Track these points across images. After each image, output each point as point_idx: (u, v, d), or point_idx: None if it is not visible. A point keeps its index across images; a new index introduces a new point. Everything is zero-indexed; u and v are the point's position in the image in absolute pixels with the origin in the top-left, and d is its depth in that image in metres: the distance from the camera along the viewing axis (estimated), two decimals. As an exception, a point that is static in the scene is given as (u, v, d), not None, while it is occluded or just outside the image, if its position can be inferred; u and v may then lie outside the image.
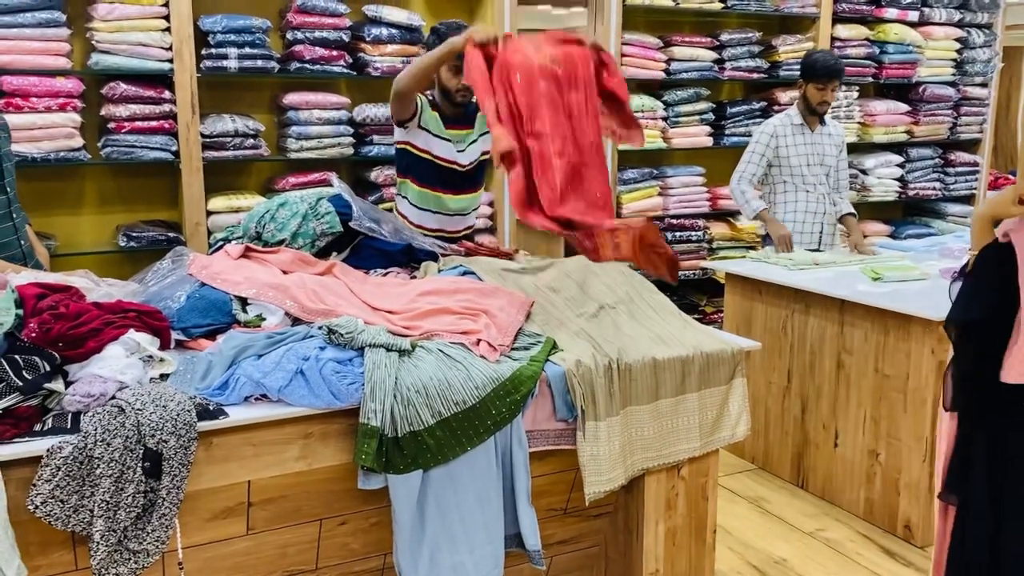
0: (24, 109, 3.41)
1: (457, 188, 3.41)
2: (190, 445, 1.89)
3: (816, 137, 4.25)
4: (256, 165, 4.14)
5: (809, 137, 4.23)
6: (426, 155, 3.35)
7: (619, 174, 4.84)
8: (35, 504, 1.77)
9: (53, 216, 3.79)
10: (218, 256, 2.63)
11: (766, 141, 4.20)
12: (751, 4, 5.02)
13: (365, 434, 2.05)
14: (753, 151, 4.23)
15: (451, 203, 3.43)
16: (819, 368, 3.56)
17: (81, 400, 1.88)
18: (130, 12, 3.53)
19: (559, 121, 2.45)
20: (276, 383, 2.04)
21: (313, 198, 2.86)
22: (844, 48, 5.30)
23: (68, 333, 1.98)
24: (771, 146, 4.19)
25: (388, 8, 4.10)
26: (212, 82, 3.90)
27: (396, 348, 2.20)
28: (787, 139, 4.20)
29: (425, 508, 2.14)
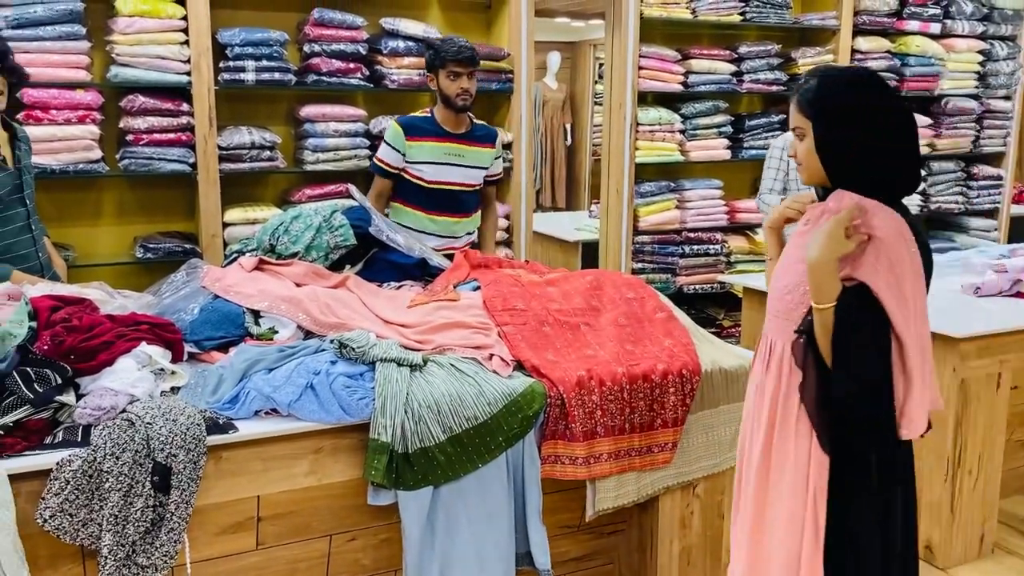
0: (44, 121, 3.43)
1: (443, 210, 3.45)
2: (199, 459, 1.88)
3: None
4: (272, 177, 4.15)
5: None
6: (417, 180, 3.42)
7: (636, 187, 4.82)
8: (44, 517, 1.76)
9: (71, 227, 3.81)
10: (232, 269, 2.64)
11: (779, 155, 4.17)
12: (770, 16, 4.98)
13: (375, 450, 2.03)
14: (769, 165, 4.20)
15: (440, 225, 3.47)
16: (838, 384, 3.50)
17: (92, 413, 1.87)
18: (149, 25, 3.55)
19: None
20: (286, 397, 2.04)
21: (327, 211, 2.86)
22: (865, 60, 5.25)
23: (80, 346, 1.98)
24: (785, 159, 4.16)
25: (405, 21, 4.11)
26: (230, 94, 3.92)
27: (407, 363, 2.19)
28: None
29: (435, 525, 2.12)
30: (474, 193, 3.57)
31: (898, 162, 1.76)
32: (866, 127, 1.73)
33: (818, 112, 1.76)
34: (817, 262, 1.71)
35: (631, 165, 4.75)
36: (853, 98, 1.74)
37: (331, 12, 3.90)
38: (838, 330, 1.71)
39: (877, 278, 1.70)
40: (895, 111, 1.75)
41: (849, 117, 1.73)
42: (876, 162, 1.74)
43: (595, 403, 2.26)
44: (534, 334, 2.47)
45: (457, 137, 3.46)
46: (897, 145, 1.75)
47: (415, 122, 3.45)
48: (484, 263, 3.00)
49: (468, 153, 3.47)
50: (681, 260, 4.93)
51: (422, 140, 3.41)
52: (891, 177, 1.76)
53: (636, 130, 4.73)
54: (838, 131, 1.74)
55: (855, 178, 1.75)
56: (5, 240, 2.76)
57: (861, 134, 1.73)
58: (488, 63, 4.25)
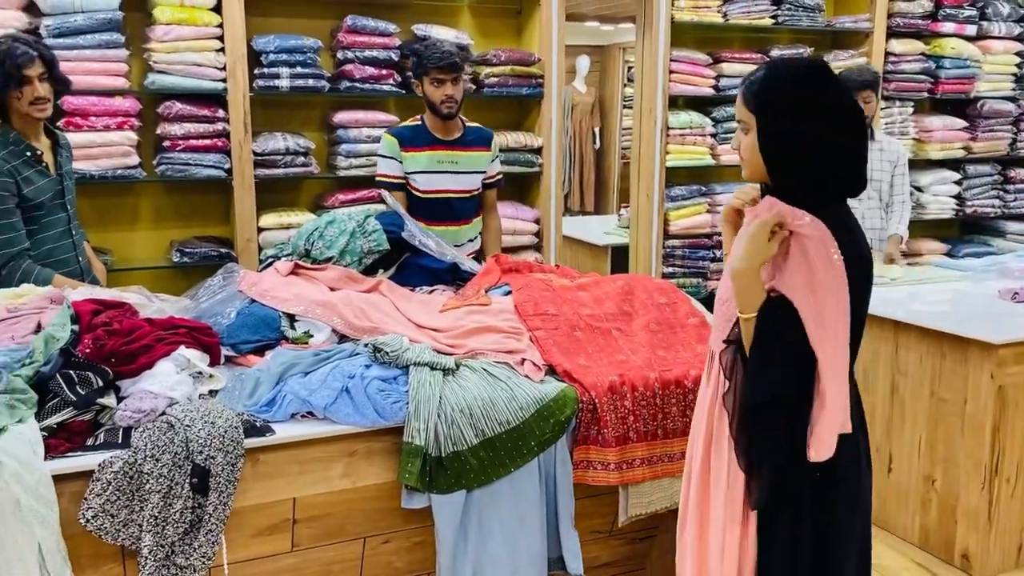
0: (83, 128, 3.50)
1: (440, 219, 3.35)
2: (237, 462, 1.91)
3: None
4: (306, 182, 4.19)
5: None
6: (412, 190, 3.38)
7: (667, 191, 4.80)
8: (86, 518, 1.80)
9: (109, 232, 3.88)
10: (267, 273, 2.67)
11: None
12: (802, 19, 4.95)
13: (409, 453, 2.05)
14: None
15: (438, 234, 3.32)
16: (872, 390, 3.47)
17: (132, 415, 1.91)
18: (186, 33, 3.61)
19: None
20: (322, 401, 2.06)
21: (361, 216, 2.89)
22: (899, 63, 5.20)
23: (121, 349, 2.02)
24: None
25: (437, 27, 4.14)
26: (264, 101, 3.97)
27: (440, 367, 2.21)
28: None
29: (468, 528, 2.13)
30: (472, 199, 3.49)
31: (842, 161, 1.66)
32: (810, 122, 1.62)
33: (762, 105, 1.66)
34: (739, 270, 1.66)
35: (661, 169, 4.74)
36: (798, 91, 1.64)
37: (364, 19, 3.94)
38: (755, 341, 1.65)
39: (795, 291, 1.62)
40: (841, 107, 1.65)
41: (793, 111, 1.63)
42: (819, 160, 1.64)
43: (628, 408, 2.26)
44: (566, 339, 2.48)
45: (449, 144, 3.39)
46: (842, 143, 1.65)
47: (406, 132, 3.39)
48: (515, 268, 3.01)
49: (462, 159, 3.40)
50: (712, 264, 4.91)
51: (415, 150, 3.35)
52: (834, 176, 1.67)
53: (667, 134, 4.72)
54: (781, 125, 1.64)
55: (796, 176, 1.66)
56: (47, 245, 2.82)
57: (804, 129, 1.62)
58: (519, 68, 4.27)
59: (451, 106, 3.29)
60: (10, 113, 2.72)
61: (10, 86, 2.64)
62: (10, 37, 2.70)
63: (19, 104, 2.68)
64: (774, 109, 1.65)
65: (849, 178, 1.69)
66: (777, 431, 1.66)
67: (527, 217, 4.42)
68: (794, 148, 1.64)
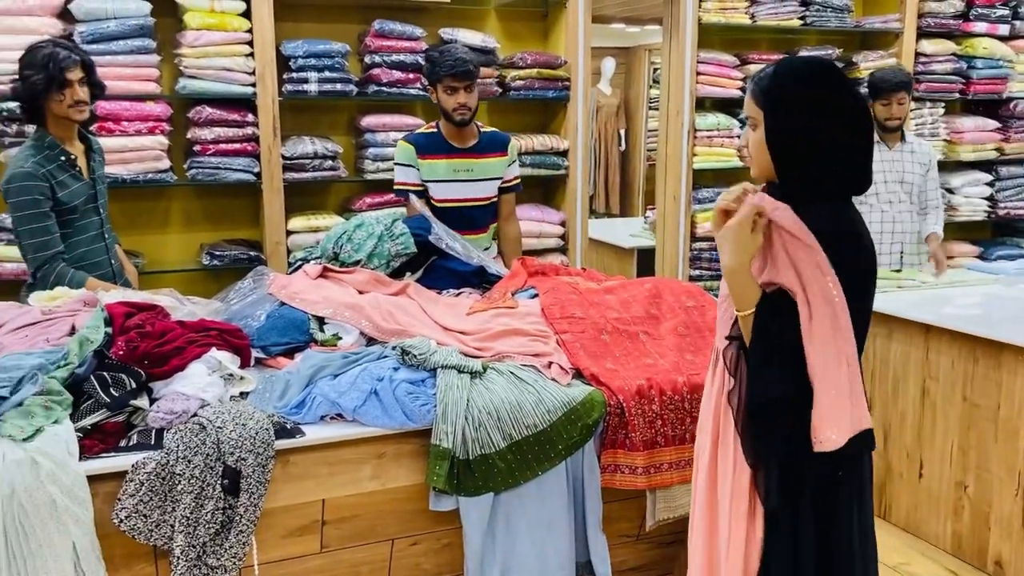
0: (115, 132, 3.55)
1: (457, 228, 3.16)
2: (268, 463, 1.92)
3: (895, 154, 4.13)
4: (334, 186, 4.22)
5: (887, 154, 4.12)
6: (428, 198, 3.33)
7: (693, 193, 4.78)
8: (120, 518, 1.82)
9: (141, 235, 3.93)
10: (297, 276, 2.69)
11: None
12: (831, 20, 4.91)
13: (437, 456, 2.06)
14: None
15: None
16: (902, 395, 3.44)
17: (164, 417, 1.93)
18: (216, 38, 3.65)
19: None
20: (351, 403, 2.08)
21: (388, 219, 2.90)
22: (929, 64, 5.13)
23: (153, 351, 2.05)
24: None
25: (463, 31, 4.15)
26: (293, 105, 4.00)
27: (468, 370, 2.21)
28: None
29: (496, 531, 2.14)
30: (488, 207, 3.43)
31: (848, 159, 1.67)
32: (818, 120, 1.64)
33: (771, 101, 1.67)
34: (729, 268, 1.67)
35: (688, 171, 4.72)
36: (807, 89, 1.66)
37: (391, 23, 3.97)
38: (754, 338, 1.67)
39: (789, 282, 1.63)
40: (849, 106, 1.67)
41: (801, 108, 1.65)
42: (825, 157, 1.65)
43: (655, 412, 2.25)
44: (593, 342, 2.47)
45: (465, 151, 3.34)
46: (849, 141, 1.66)
47: (422, 140, 3.33)
48: (541, 271, 3.01)
49: (477, 166, 3.35)
50: (739, 267, 4.87)
51: (432, 158, 3.31)
52: (839, 174, 1.68)
53: (694, 136, 4.70)
54: (789, 122, 1.65)
55: (802, 172, 1.67)
56: (80, 248, 2.86)
57: (812, 126, 1.64)
58: (545, 71, 4.27)
59: (464, 114, 3.22)
60: (46, 117, 2.77)
61: (52, 89, 2.69)
62: (51, 42, 2.76)
63: (59, 107, 2.73)
64: (783, 105, 1.66)
65: (854, 176, 1.70)
66: (781, 429, 1.67)
67: (553, 220, 4.42)
68: (801, 145, 1.66)
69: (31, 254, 2.73)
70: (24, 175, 2.68)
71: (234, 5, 3.67)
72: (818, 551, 1.75)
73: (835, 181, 1.69)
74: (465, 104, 3.20)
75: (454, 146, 3.33)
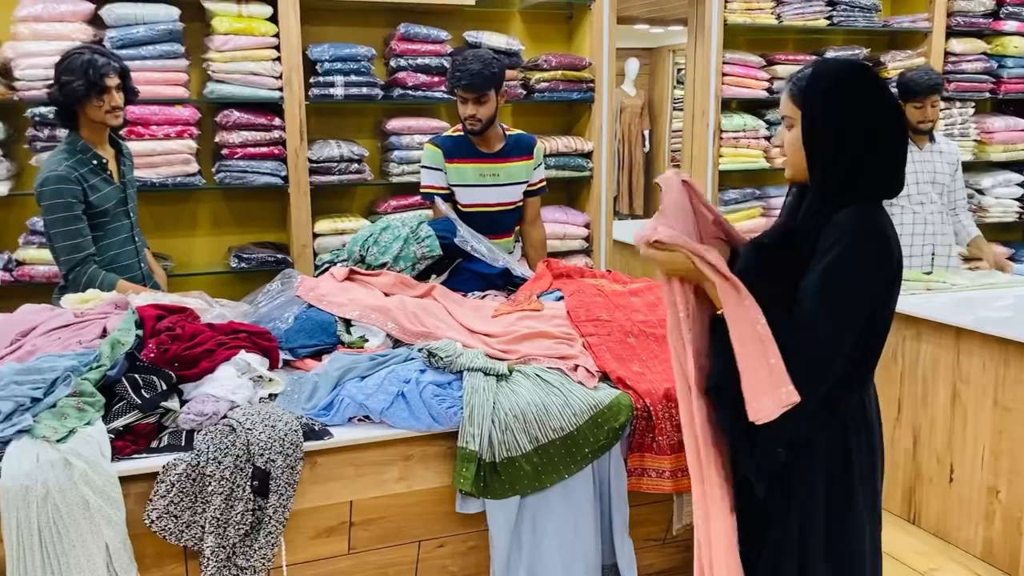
0: (145, 136, 3.60)
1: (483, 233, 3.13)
2: (296, 465, 1.94)
3: (925, 155, 4.09)
4: (360, 189, 4.25)
5: (917, 155, 4.07)
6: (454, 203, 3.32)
7: (720, 195, 4.76)
8: (151, 518, 1.84)
9: (170, 238, 3.97)
10: (324, 278, 2.71)
11: None
12: (858, 20, 4.87)
13: (463, 458, 2.06)
14: None
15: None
16: (932, 398, 3.40)
17: (195, 418, 1.95)
18: (243, 43, 3.69)
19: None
20: (378, 405, 2.08)
21: (414, 222, 2.92)
22: (959, 63, 5.08)
23: (183, 354, 2.07)
24: None
25: (488, 33, 4.16)
26: (319, 109, 4.03)
27: (494, 372, 2.21)
28: None
29: (522, 534, 2.13)
30: (513, 211, 3.41)
31: (883, 161, 1.70)
32: (854, 120, 1.66)
33: (809, 101, 1.69)
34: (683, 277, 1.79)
35: (714, 172, 4.70)
36: (845, 89, 1.68)
37: (416, 27, 3.98)
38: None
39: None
40: (885, 108, 1.69)
41: (838, 108, 1.67)
42: (861, 158, 1.67)
43: None
44: (619, 345, 2.47)
45: (492, 156, 3.30)
46: (884, 143, 1.69)
47: (450, 143, 3.30)
48: (566, 273, 3.01)
49: (503, 171, 3.31)
50: (765, 269, 4.84)
51: (459, 162, 3.27)
52: (874, 175, 1.70)
53: (720, 137, 4.68)
54: (826, 121, 1.68)
55: (836, 173, 1.68)
56: (111, 251, 2.90)
57: (848, 127, 1.66)
58: (569, 72, 4.27)
59: (473, 125, 3.19)
60: (80, 122, 2.81)
61: (91, 94, 2.74)
62: (88, 48, 2.80)
63: (95, 112, 2.78)
64: (821, 105, 1.68)
65: (888, 179, 1.73)
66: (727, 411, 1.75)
67: (577, 221, 4.42)
68: (836, 145, 1.67)
69: (63, 256, 2.77)
70: (57, 178, 2.72)
71: (261, 10, 3.71)
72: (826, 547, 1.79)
73: (869, 183, 1.69)
74: (474, 116, 3.16)
75: (481, 150, 3.29)
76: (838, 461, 1.77)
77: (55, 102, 2.79)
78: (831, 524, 1.78)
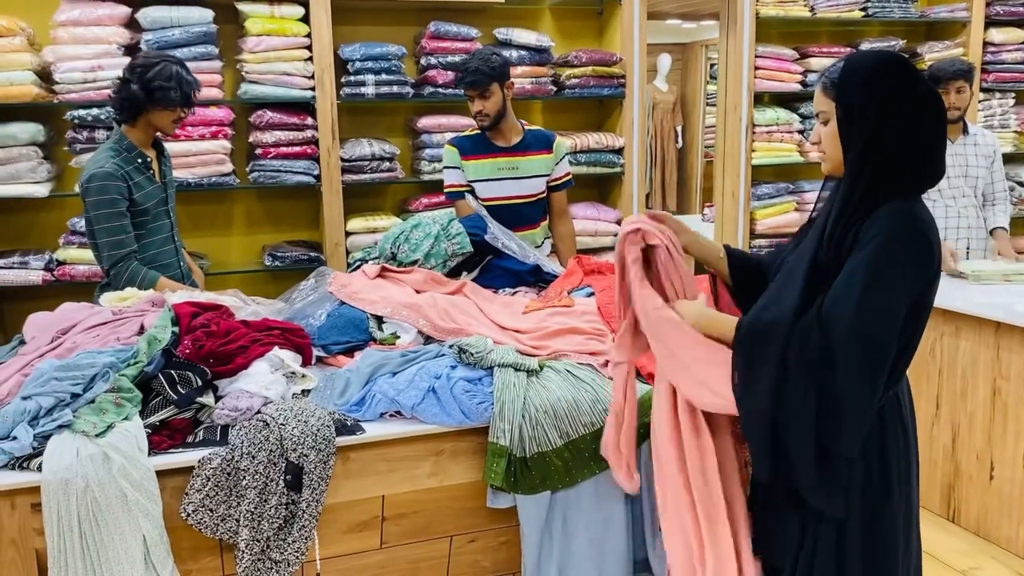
0: (181, 137, 3.65)
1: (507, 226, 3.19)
2: (329, 459, 1.96)
3: (957, 147, 4.02)
4: (392, 187, 4.28)
5: (949, 148, 4.00)
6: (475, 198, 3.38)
7: (753, 189, 4.72)
8: (187, 512, 1.87)
9: (205, 237, 4.03)
10: (356, 276, 2.73)
11: None
12: (894, 11, 4.79)
13: (494, 453, 2.07)
14: None
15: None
16: (972, 395, 3.34)
17: (229, 414, 1.98)
18: (276, 44, 3.73)
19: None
20: (410, 400, 2.10)
21: (445, 219, 2.93)
22: (999, 53, 4.98)
23: (218, 350, 2.10)
24: None
25: (518, 30, 4.16)
26: (351, 108, 4.06)
27: (524, 368, 2.22)
28: None
29: (553, 529, 2.14)
30: (535, 203, 3.45)
31: (920, 152, 1.66)
32: (890, 112, 1.63)
33: (843, 94, 1.67)
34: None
35: (747, 167, 4.66)
36: (879, 81, 1.65)
37: (446, 24, 4.00)
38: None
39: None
40: (921, 98, 1.65)
41: (874, 100, 1.64)
42: (898, 150, 1.64)
43: None
44: None
45: (508, 150, 3.37)
46: (921, 134, 1.65)
47: (466, 142, 3.40)
48: (597, 269, 3.00)
49: (522, 164, 3.38)
50: (800, 264, 4.79)
51: (475, 159, 3.37)
52: (911, 167, 1.66)
53: (752, 131, 4.64)
54: (862, 113, 1.65)
55: (874, 166, 1.65)
56: (152, 249, 2.93)
57: (884, 119, 1.63)
58: (600, 68, 4.26)
59: (483, 120, 3.29)
60: (137, 122, 2.85)
61: (177, 105, 2.84)
62: (172, 60, 2.87)
63: (163, 119, 2.85)
64: (856, 98, 1.66)
65: (926, 169, 1.69)
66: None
67: (608, 218, 4.40)
68: (874, 136, 1.64)
69: (106, 252, 2.80)
70: (105, 175, 2.76)
71: (293, 10, 3.75)
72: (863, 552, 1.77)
73: (906, 172, 1.66)
74: (480, 112, 3.27)
75: (498, 145, 3.38)
76: (875, 459, 1.74)
77: (131, 97, 2.80)
78: (867, 524, 1.76)
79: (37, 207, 3.76)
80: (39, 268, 3.61)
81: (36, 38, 3.62)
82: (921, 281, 1.66)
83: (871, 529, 1.76)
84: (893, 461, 1.76)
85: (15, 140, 3.52)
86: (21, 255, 3.63)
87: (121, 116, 2.86)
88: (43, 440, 1.87)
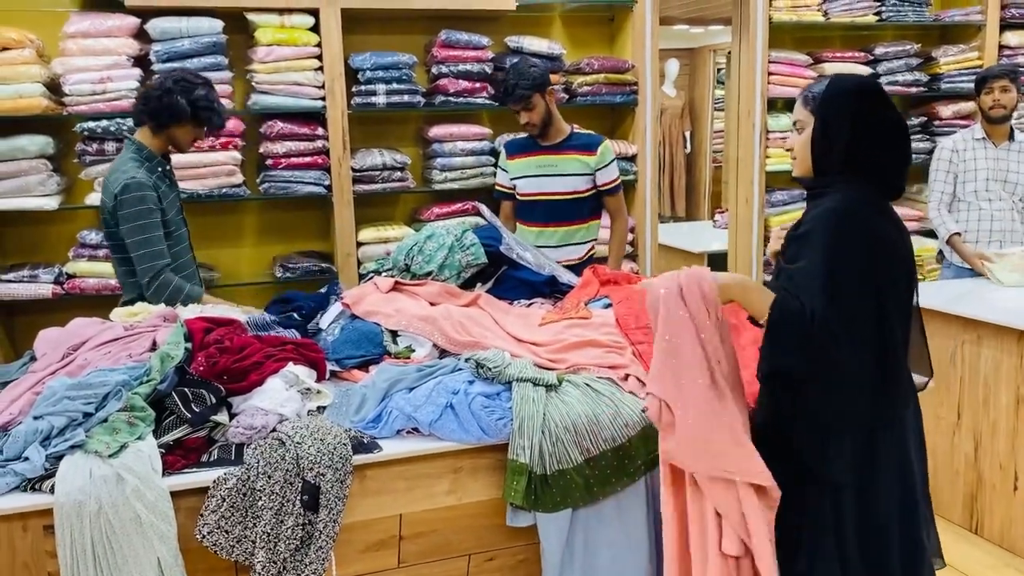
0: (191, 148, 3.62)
1: (547, 221, 3.56)
2: (346, 479, 1.92)
3: (1000, 152, 4.01)
4: (403, 197, 4.24)
5: (992, 152, 4.00)
6: (517, 195, 3.62)
7: (767, 196, 4.67)
8: (202, 533, 1.84)
9: (215, 248, 4.00)
10: (369, 289, 2.70)
11: (948, 157, 4.07)
12: (908, 15, 4.75)
13: (514, 471, 2.03)
14: (937, 170, 4.09)
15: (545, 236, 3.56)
16: (994, 404, 3.28)
17: (244, 432, 1.94)
18: (286, 53, 3.70)
19: None
20: (427, 417, 2.06)
21: (459, 230, 2.89)
22: (1014, 56, 4.94)
23: (232, 366, 2.06)
24: (953, 161, 4.03)
25: (529, 38, 4.13)
26: (361, 118, 4.03)
27: (543, 383, 2.18)
28: (967, 153, 4.04)
29: (574, 547, 2.09)
30: (579, 201, 3.58)
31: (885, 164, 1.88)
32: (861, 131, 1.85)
33: (822, 109, 1.88)
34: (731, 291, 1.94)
35: (761, 174, 4.61)
36: (856, 103, 1.86)
37: (457, 33, 3.96)
38: None
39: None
40: (890, 124, 1.87)
41: (848, 118, 1.85)
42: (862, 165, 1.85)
43: None
44: None
45: (551, 148, 3.55)
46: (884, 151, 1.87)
47: (514, 142, 3.69)
48: (614, 279, 2.96)
49: (562, 162, 3.54)
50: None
51: (518, 157, 3.60)
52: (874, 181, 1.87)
53: (766, 137, 4.60)
54: (835, 129, 1.86)
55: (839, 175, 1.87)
56: (178, 259, 2.87)
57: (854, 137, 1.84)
58: (612, 75, 4.22)
59: (531, 130, 3.52)
60: (160, 133, 2.83)
61: (214, 128, 2.90)
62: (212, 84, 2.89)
63: (185, 136, 2.87)
64: (832, 114, 1.87)
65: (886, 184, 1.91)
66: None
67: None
68: (843, 151, 1.86)
69: (143, 264, 2.72)
70: (139, 184, 2.69)
71: (303, 20, 3.72)
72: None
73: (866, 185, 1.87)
74: (528, 122, 3.49)
75: (541, 144, 3.58)
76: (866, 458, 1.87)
77: (173, 107, 2.76)
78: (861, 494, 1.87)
79: (47, 220, 3.74)
80: (49, 281, 3.58)
81: (45, 50, 3.60)
82: (857, 260, 1.81)
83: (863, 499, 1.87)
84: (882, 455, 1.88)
85: (24, 153, 3.49)
86: (31, 268, 3.61)
87: (152, 122, 2.80)
88: (55, 461, 1.84)
